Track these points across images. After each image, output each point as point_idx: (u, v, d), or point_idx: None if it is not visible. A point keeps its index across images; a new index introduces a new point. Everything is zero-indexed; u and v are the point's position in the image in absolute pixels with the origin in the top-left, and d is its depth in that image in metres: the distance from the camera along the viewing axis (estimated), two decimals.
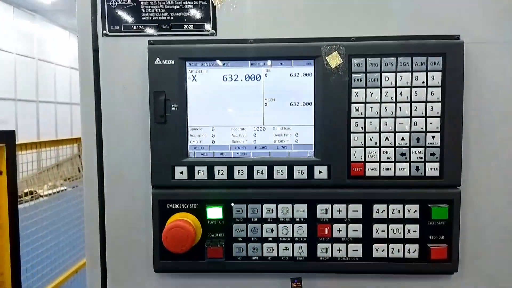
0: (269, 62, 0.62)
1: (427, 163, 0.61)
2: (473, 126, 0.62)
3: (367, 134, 0.61)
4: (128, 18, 0.62)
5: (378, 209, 0.62)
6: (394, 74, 0.60)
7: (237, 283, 0.67)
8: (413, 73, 0.60)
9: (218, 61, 0.62)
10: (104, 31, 0.63)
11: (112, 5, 0.62)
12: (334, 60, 0.60)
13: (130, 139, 0.65)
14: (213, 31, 0.62)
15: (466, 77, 0.60)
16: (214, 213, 0.63)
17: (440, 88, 0.60)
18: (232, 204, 0.63)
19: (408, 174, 0.61)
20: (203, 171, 0.63)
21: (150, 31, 0.63)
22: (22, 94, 8.28)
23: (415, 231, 0.62)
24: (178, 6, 0.62)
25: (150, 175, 0.63)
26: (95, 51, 0.64)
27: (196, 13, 0.62)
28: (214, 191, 0.63)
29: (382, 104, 0.61)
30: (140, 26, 0.62)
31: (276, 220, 0.63)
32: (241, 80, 0.62)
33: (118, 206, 0.66)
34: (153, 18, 0.62)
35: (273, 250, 0.64)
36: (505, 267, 0.65)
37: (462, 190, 0.62)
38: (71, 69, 10.35)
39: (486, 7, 0.61)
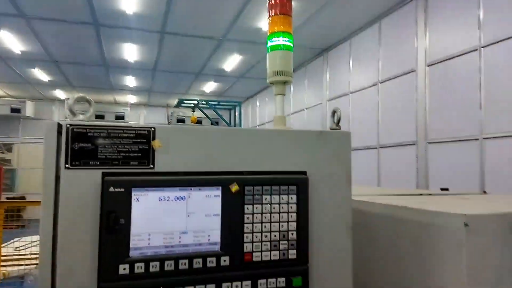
0: (191, 188, 0.92)
1: (289, 251, 0.97)
2: (316, 227, 1.02)
3: (254, 234, 0.95)
4: (87, 156, 0.86)
5: (261, 283, 0.95)
6: (270, 196, 0.97)
7: None
8: (281, 195, 0.97)
9: (155, 188, 0.89)
10: (67, 165, 0.84)
11: (74, 147, 0.85)
12: (234, 187, 0.94)
13: (82, 245, 0.85)
14: (152, 166, 0.90)
15: (312, 197, 1.01)
16: None
17: (296, 205, 0.98)
18: None
19: (278, 258, 0.96)
20: (141, 266, 0.87)
21: (104, 165, 0.87)
22: None
23: None
24: (127, 149, 0.88)
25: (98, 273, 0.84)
26: (57, 178, 0.84)
27: (140, 154, 0.89)
28: (150, 280, 0.87)
29: (263, 214, 0.96)
30: (96, 162, 0.86)
31: None
32: (172, 200, 0.90)
33: None
34: (107, 156, 0.87)
35: None
36: None
37: (309, 266, 0.99)
38: None
39: (321, 150, 1.04)
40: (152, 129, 0.91)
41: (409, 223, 1.19)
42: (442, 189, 3.90)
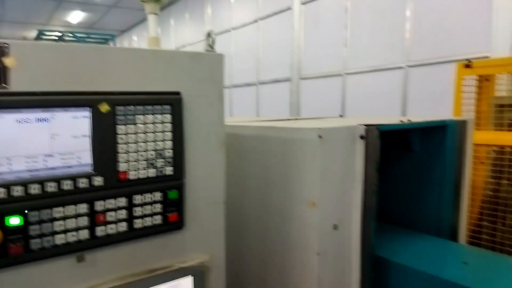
0: (55, 108, 0.87)
1: (166, 167, 1.02)
2: (191, 144, 1.07)
3: (129, 153, 0.96)
4: None
5: (136, 198, 0.98)
6: (143, 115, 0.97)
7: (37, 269, 0.88)
8: (155, 115, 0.99)
9: (11, 109, 0.82)
10: None
11: None
12: (104, 107, 0.91)
13: None
14: (6, 85, 0.81)
15: (186, 116, 1.04)
16: (13, 221, 0.83)
17: (171, 124, 1.01)
18: (27, 212, 0.84)
19: (155, 176, 1.00)
20: (2, 192, 0.81)
21: None
22: None
23: (160, 207, 1.02)
24: None
25: None
26: None
27: None
28: (14, 204, 0.83)
29: (137, 134, 0.97)
30: None
31: (65, 218, 0.89)
32: (33, 122, 0.84)
33: None
34: None
35: (63, 239, 0.89)
36: (211, 220, 1.15)
37: (186, 180, 1.06)
38: None
39: (195, 72, 1.07)
40: (5, 44, 0.81)
41: (275, 140, 1.34)
42: None
